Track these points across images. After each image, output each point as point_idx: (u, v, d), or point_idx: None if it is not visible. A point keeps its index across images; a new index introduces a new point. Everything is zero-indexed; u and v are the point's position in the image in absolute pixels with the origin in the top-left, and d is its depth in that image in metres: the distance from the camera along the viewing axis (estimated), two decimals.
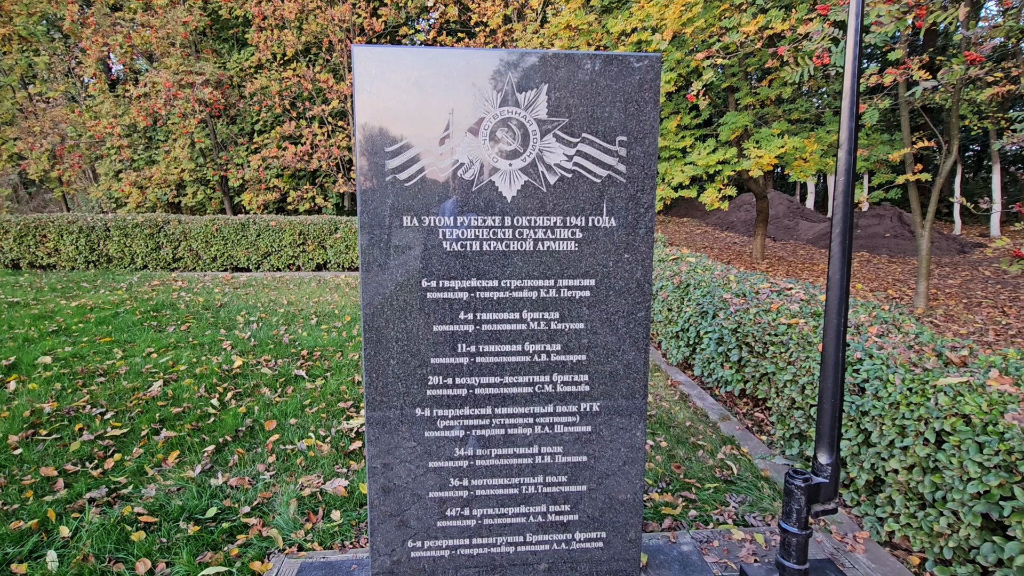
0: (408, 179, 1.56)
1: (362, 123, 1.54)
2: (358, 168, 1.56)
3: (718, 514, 2.59)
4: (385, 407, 1.64)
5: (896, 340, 2.53)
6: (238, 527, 2.42)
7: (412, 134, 1.55)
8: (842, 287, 1.75)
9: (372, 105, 1.54)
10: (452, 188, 1.58)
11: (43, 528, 2.36)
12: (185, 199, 13.01)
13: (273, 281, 8.55)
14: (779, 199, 17.20)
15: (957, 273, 9.70)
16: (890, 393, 2.23)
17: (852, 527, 2.48)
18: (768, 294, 3.54)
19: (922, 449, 2.04)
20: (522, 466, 1.71)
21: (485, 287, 1.62)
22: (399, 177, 1.56)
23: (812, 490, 1.81)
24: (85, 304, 6.47)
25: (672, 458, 3.10)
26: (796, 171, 7.11)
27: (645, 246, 1.65)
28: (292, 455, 3.05)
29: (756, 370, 3.29)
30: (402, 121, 1.55)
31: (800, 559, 1.85)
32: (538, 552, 1.75)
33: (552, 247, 1.62)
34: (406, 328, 1.62)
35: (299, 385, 4.10)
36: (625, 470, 1.74)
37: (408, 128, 1.55)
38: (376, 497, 1.68)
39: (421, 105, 1.55)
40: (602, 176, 1.61)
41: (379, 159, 1.55)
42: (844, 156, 1.70)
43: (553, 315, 1.65)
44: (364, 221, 1.57)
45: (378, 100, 1.54)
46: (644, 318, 1.68)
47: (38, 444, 3.08)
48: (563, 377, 1.68)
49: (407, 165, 1.56)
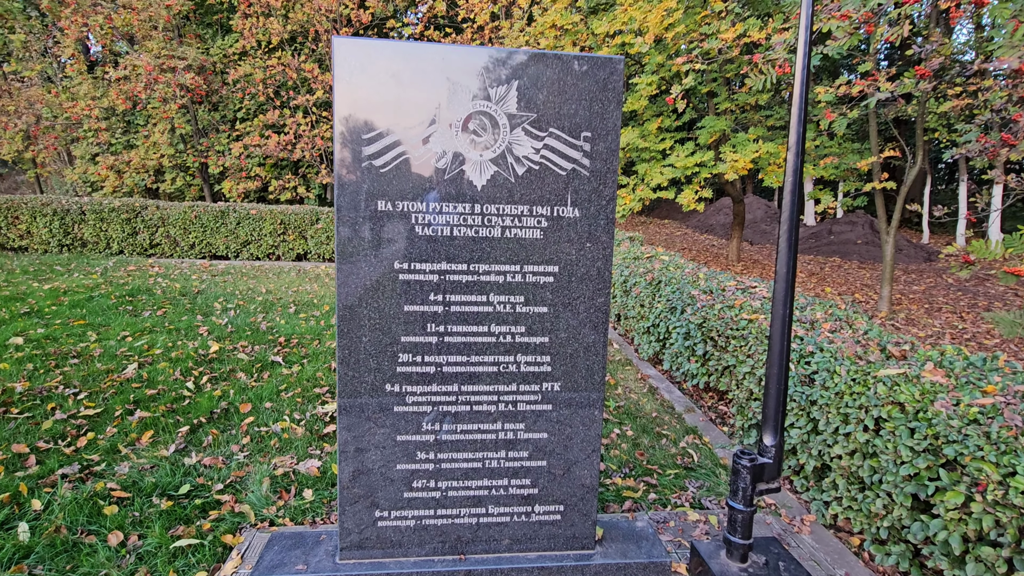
0: (384, 166, 1.65)
1: (341, 111, 1.62)
2: (336, 154, 1.63)
3: (676, 497, 2.72)
4: (357, 381, 1.72)
5: (846, 336, 2.69)
6: (211, 503, 2.48)
7: (389, 124, 1.63)
8: (788, 280, 1.88)
9: (352, 95, 1.61)
10: (425, 176, 1.66)
11: (15, 501, 2.39)
12: (164, 185, 12.84)
13: (252, 270, 8.51)
14: (757, 204, 17.57)
15: (922, 280, 10.06)
16: (836, 383, 2.38)
17: (801, 511, 2.63)
18: (733, 291, 3.69)
19: (862, 435, 2.19)
20: (486, 441, 1.81)
21: (455, 270, 1.71)
22: (375, 164, 1.64)
23: (757, 470, 1.94)
24: (58, 287, 6.39)
25: (637, 446, 3.23)
26: (770, 176, 7.32)
27: (606, 236, 1.76)
28: (266, 437, 3.11)
29: (719, 363, 3.44)
30: (380, 111, 1.63)
31: (745, 535, 1.98)
32: (499, 524, 1.85)
33: (519, 234, 1.72)
34: (378, 307, 1.70)
35: (275, 371, 4.14)
36: (583, 446, 1.85)
37: (385, 118, 1.63)
38: (345, 466, 1.76)
39: (398, 97, 1.63)
40: (567, 169, 1.71)
41: (357, 146, 1.63)
42: (792, 159, 1.83)
43: (519, 299, 1.75)
44: (341, 204, 1.65)
45: (357, 90, 1.61)
46: (604, 304, 1.79)
47: (9, 422, 3.09)
48: (527, 358, 1.78)
49: (383, 152, 1.64)
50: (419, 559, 1.82)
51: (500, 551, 1.86)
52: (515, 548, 1.87)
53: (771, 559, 2.04)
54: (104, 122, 11.63)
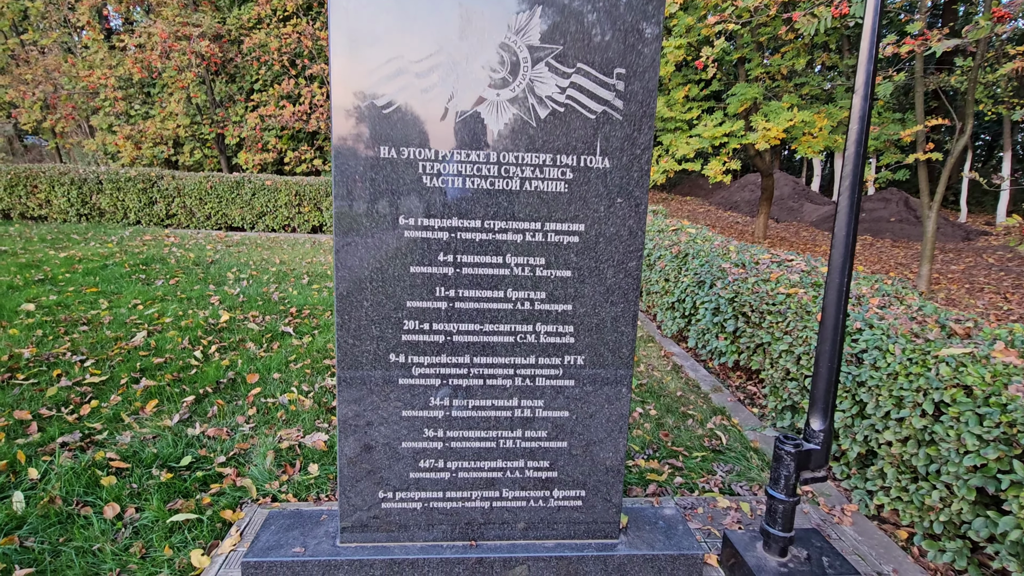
0: (387, 107, 1.44)
1: (338, 44, 1.41)
2: (333, 94, 1.44)
3: (704, 482, 2.54)
4: (358, 351, 1.55)
5: (898, 311, 2.44)
6: (212, 476, 2.36)
7: (392, 58, 1.42)
8: (847, 244, 1.64)
9: (350, 24, 1.41)
10: (434, 119, 1.46)
11: (11, 469, 2.30)
12: (182, 158, 12.78)
13: (267, 241, 8.42)
14: (784, 180, 16.96)
15: (961, 259, 9.59)
16: (889, 363, 2.15)
17: (840, 500, 2.43)
18: (768, 264, 3.44)
19: (919, 421, 1.97)
20: (500, 419, 1.63)
21: (467, 227, 1.51)
22: (377, 104, 1.44)
23: (802, 456, 1.74)
24: (74, 255, 6.36)
25: (660, 426, 3.04)
26: (803, 146, 6.93)
27: (639, 191, 1.54)
28: (273, 408, 2.99)
29: (751, 340, 3.21)
30: (382, 43, 1.42)
31: (786, 526, 1.79)
32: (514, 508, 1.69)
33: (540, 187, 1.51)
34: (381, 268, 1.52)
35: (285, 341, 4.02)
36: (608, 427, 1.67)
37: (388, 51, 1.42)
38: (346, 442, 1.60)
39: (403, 26, 1.42)
40: (597, 112, 1.49)
41: (356, 84, 1.43)
42: (859, 103, 1.57)
43: (539, 261, 1.55)
44: (339, 150, 1.46)
45: (356, 20, 1.40)
46: (635, 268, 1.58)
47: (14, 388, 3.01)
48: (547, 327, 1.59)
49: (386, 92, 1.44)
50: (426, 544, 1.67)
51: (515, 537, 1.70)
52: (531, 535, 1.71)
53: (813, 553, 1.85)
54: (120, 91, 11.54)
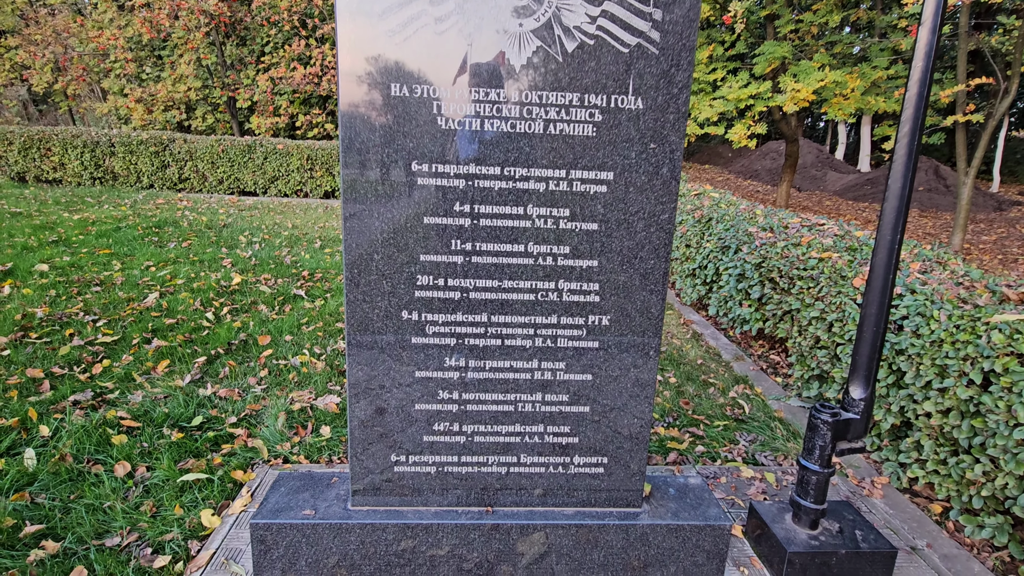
0: (396, 37, 1.31)
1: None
2: (338, 22, 1.30)
3: (727, 452, 2.45)
4: (368, 306, 1.46)
5: (942, 276, 2.29)
6: (223, 437, 2.32)
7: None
8: (902, 197, 1.49)
9: None
10: (450, 52, 1.32)
11: (23, 427, 2.28)
12: (195, 122, 12.64)
13: (279, 206, 8.35)
14: (808, 147, 16.41)
15: (992, 230, 9.24)
16: (933, 331, 2.01)
17: (870, 472, 2.34)
18: (798, 228, 3.27)
19: (964, 391, 1.84)
20: (519, 381, 1.54)
21: (485, 175, 1.39)
22: (386, 33, 1.30)
23: (840, 426, 1.63)
24: (87, 218, 6.34)
25: (681, 394, 2.95)
26: (834, 108, 6.61)
27: (675, 135, 1.40)
28: (285, 370, 2.94)
29: (778, 307, 3.08)
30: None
31: (818, 498, 1.70)
32: (532, 475, 1.61)
33: (566, 130, 1.38)
34: (392, 217, 1.41)
35: (297, 304, 3.97)
36: (633, 392, 1.57)
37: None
38: (356, 404, 1.53)
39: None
40: (631, 45, 1.34)
41: (363, 15, 1.29)
42: (926, 35, 1.40)
43: (563, 212, 1.43)
44: (345, 88, 1.33)
45: None
46: (668, 221, 1.45)
47: (27, 347, 2.99)
48: (571, 285, 1.48)
49: (395, 19, 1.30)
50: (440, 509, 1.61)
51: (532, 504, 1.63)
52: (549, 502, 1.63)
53: (846, 526, 1.76)
54: (131, 53, 11.37)
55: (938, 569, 1.80)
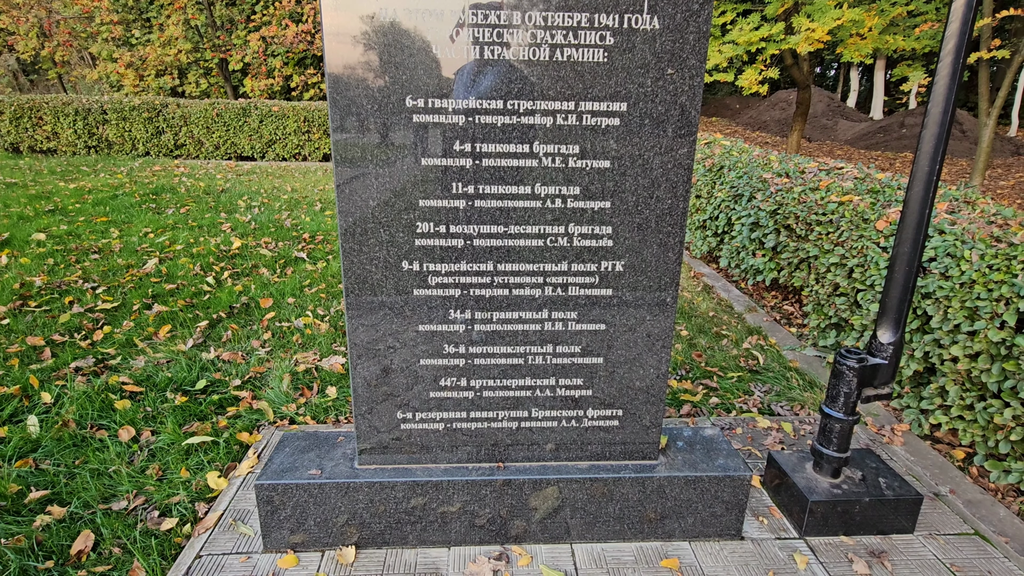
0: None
1: None
2: None
3: (741, 403, 2.40)
4: (365, 257, 1.37)
5: (972, 215, 2.16)
6: (228, 399, 2.29)
7: None
8: (942, 124, 1.37)
9: None
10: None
11: (24, 394, 2.24)
12: (188, 87, 12.31)
13: (278, 170, 8.18)
14: (819, 96, 15.87)
15: (1010, 175, 8.96)
16: (963, 272, 1.91)
17: (890, 419, 2.28)
18: (816, 173, 3.13)
19: (996, 334, 1.75)
20: (528, 333, 1.46)
21: (487, 109, 1.27)
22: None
23: (866, 372, 1.56)
24: (83, 186, 6.23)
25: (693, 347, 2.88)
26: (850, 50, 6.30)
27: (696, 58, 1.27)
28: (288, 333, 2.88)
29: (794, 255, 2.96)
30: None
31: (841, 447, 1.64)
32: (544, 429, 1.55)
33: (573, 56, 1.25)
34: (387, 159, 1.30)
35: (299, 267, 3.89)
36: (650, 342, 1.49)
37: None
38: (358, 361, 1.46)
39: None
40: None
41: None
42: None
43: (572, 149, 1.32)
44: (329, 19, 1.20)
45: None
46: (686, 156, 1.34)
47: (27, 315, 2.94)
48: (581, 228, 1.38)
49: None
50: (450, 466, 1.56)
51: (544, 459, 1.58)
52: (562, 456, 1.58)
53: (868, 474, 1.70)
54: (116, 15, 10.98)
55: (962, 514, 1.75)
